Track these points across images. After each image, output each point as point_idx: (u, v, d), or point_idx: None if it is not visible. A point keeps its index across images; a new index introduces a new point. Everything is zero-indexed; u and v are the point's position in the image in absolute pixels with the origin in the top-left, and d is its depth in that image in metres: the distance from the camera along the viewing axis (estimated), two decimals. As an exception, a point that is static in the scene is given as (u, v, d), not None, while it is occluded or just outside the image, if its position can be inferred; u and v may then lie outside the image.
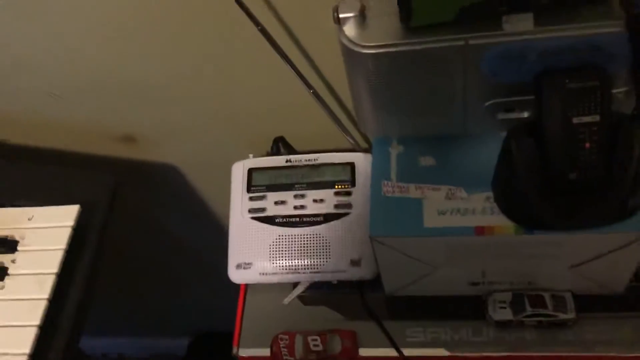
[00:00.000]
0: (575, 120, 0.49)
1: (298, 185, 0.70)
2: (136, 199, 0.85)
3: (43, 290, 0.60)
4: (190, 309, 1.16)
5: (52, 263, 0.62)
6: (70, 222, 0.64)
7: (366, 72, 0.53)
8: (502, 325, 0.62)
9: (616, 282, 0.60)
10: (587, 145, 0.50)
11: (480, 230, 0.54)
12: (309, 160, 0.71)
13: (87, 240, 0.66)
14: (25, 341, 0.57)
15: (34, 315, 0.59)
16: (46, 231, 0.64)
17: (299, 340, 0.65)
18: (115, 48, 0.69)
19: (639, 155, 0.52)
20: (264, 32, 0.57)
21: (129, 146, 0.80)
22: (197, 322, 1.29)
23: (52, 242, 0.63)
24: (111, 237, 0.73)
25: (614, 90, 0.52)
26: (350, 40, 0.51)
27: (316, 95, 0.64)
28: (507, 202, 0.55)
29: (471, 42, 0.49)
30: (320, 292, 0.69)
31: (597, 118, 0.49)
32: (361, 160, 0.70)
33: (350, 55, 0.52)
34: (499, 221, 0.54)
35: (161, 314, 1.22)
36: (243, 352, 0.66)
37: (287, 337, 0.65)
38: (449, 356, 0.63)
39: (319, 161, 0.71)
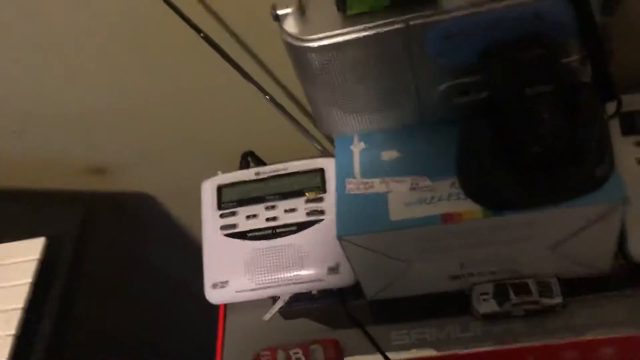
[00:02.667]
0: (528, 91, 0.48)
1: (269, 197, 0.68)
2: (113, 230, 0.84)
3: (9, 326, 0.58)
4: (177, 338, 1.14)
5: (18, 298, 0.60)
6: (37, 256, 0.63)
7: (312, 67, 0.52)
8: (489, 317, 0.59)
9: (600, 261, 0.58)
10: (545, 115, 0.49)
11: (447, 218, 0.52)
12: (277, 170, 0.69)
13: (56, 273, 0.65)
14: (-8, 380, 0.55)
15: (1, 352, 0.57)
16: (12, 267, 0.63)
17: (280, 354, 0.62)
18: (76, 79, 0.68)
19: (601, 122, 0.51)
20: (207, 39, 0.56)
21: (99, 178, 0.80)
22: (183, 351, 1.26)
23: (18, 277, 0.62)
24: (88, 271, 0.72)
25: (569, 59, 0.51)
26: (291, 36, 0.50)
27: (273, 101, 0.63)
28: (472, 186, 0.53)
29: (411, 23, 0.48)
30: (301, 304, 0.67)
31: (550, 87, 0.48)
32: (331, 165, 0.68)
33: (294, 51, 0.51)
34: (466, 206, 0.52)
35: (146, 346, 1.19)
36: (225, 373, 0.64)
37: (268, 352, 0.63)
38: (437, 356, 0.60)
39: (288, 170, 0.69)
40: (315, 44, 0.50)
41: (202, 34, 0.56)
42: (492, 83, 0.50)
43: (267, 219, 0.67)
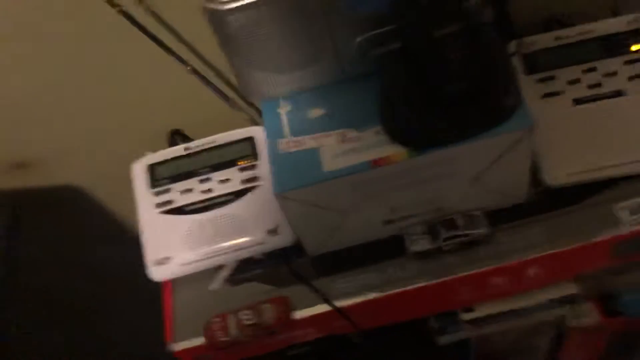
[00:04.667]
0: (436, 33, 0.51)
1: (201, 171, 0.69)
2: (44, 227, 0.81)
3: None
4: (131, 336, 1.12)
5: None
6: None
7: (232, 30, 0.53)
8: (423, 255, 0.63)
9: (517, 189, 0.63)
10: (453, 55, 0.52)
11: (376, 162, 0.55)
12: (207, 143, 0.71)
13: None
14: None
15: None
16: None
17: (231, 318, 0.64)
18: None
19: (504, 58, 0.55)
20: (124, 13, 0.57)
21: (24, 173, 0.77)
22: (133, 341, 1.23)
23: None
24: (22, 271, 0.70)
25: (472, 1, 0.54)
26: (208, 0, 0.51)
27: (195, 72, 0.64)
28: (395, 130, 0.56)
29: (322, -23, 0.50)
30: (246, 270, 0.69)
31: (455, 28, 0.51)
32: (260, 133, 0.70)
33: (212, 16, 0.52)
34: (392, 150, 0.56)
35: (97, 347, 1.16)
36: (177, 346, 0.65)
37: (219, 319, 0.64)
38: (380, 297, 0.63)
39: (218, 142, 0.70)
40: (233, 5, 0.51)
41: (118, 8, 0.56)
42: (402, 29, 0.53)
43: (203, 192, 0.68)
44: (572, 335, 0.81)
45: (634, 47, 0.64)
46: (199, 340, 0.64)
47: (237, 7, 0.51)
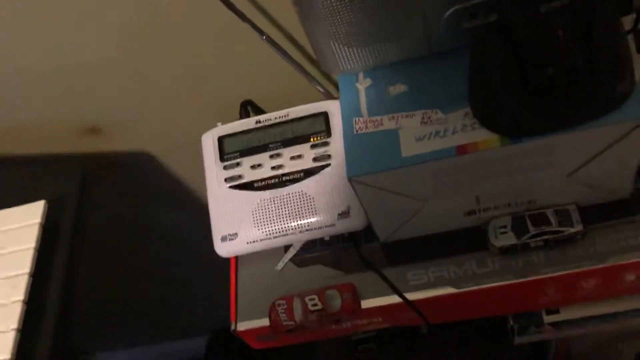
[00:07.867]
0: (543, 7, 0.45)
1: (272, 145, 0.66)
2: (113, 191, 0.81)
3: (17, 292, 0.56)
4: (201, 305, 1.12)
5: (23, 263, 0.58)
6: (38, 219, 0.61)
7: (314, 1, 0.49)
8: (507, 251, 0.58)
9: (620, 185, 0.56)
10: (561, 33, 0.46)
11: (462, 149, 0.50)
12: (279, 117, 0.67)
13: (60, 237, 0.63)
14: (5, 346, 0.54)
15: (11, 319, 0.55)
16: (14, 232, 0.61)
17: (297, 302, 0.61)
18: (60, 31, 0.65)
19: (620, 37, 0.48)
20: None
21: (95, 138, 0.77)
22: (210, 318, 1.25)
23: (21, 241, 0.60)
24: (91, 233, 0.70)
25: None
26: (289, -34, 0.47)
27: (270, 41, 0.60)
28: (487, 114, 0.50)
29: (416, -59, 0.45)
30: (313, 251, 0.65)
31: (566, 1, 0.45)
32: (335, 108, 0.66)
33: (291, -17, 0.48)
34: (482, 135, 0.50)
35: (171, 316, 1.18)
36: (241, 326, 0.63)
37: (284, 301, 0.62)
38: (456, 293, 0.59)
39: (290, 116, 0.67)
40: (314, -27, 0.46)
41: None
42: (504, 3, 0.47)
43: (273, 168, 0.65)
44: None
45: None
46: (263, 322, 0.62)
47: (319, -27, 0.46)
